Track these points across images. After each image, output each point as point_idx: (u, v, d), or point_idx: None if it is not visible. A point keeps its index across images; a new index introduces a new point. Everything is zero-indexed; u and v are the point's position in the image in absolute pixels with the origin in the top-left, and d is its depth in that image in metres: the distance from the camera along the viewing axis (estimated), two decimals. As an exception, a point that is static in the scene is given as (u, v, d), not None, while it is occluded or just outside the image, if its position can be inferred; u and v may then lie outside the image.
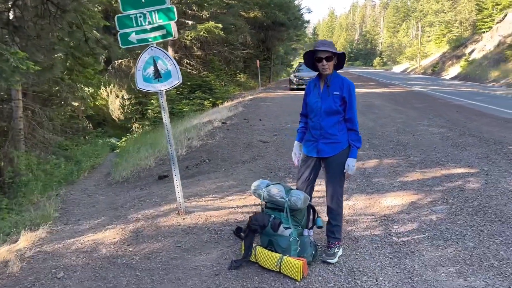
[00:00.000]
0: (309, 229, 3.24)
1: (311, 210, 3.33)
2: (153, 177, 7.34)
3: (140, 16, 3.98)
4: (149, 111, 17.46)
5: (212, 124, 10.59)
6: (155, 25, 3.98)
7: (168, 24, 3.96)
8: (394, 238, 3.66)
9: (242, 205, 4.65)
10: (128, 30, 4.05)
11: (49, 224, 4.74)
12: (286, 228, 3.09)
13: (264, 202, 3.30)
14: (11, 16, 8.58)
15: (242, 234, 3.69)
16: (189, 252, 3.53)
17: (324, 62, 3.01)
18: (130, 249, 3.66)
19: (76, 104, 16.59)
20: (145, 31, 4.02)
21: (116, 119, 21.72)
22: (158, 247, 3.65)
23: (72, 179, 9.13)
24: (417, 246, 3.49)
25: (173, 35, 3.97)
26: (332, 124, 3.09)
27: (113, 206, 5.51)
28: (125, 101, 20.97)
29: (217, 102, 18.76)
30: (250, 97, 18.55)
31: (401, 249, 3.45)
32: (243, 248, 3.25)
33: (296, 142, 3.43)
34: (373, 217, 4.17)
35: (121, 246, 3.74)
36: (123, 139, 18.48)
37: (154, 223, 4.20)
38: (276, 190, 3.16)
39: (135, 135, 17.66)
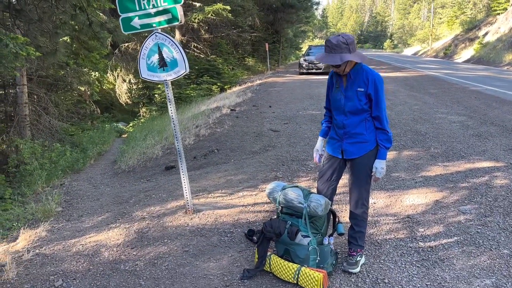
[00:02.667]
0: (329, 237, 2.94)
1: (331, 215, 3.03)
2: (160, 167, 7.08)
3: (143, -1, 3.64)
4: (156, 95, 17.16)
5: (221, 111, 10.26)
6: (160, 8, 3.63)
7: (173, 7, 3.61)
8: (420, 243, 3.36)
9: (253, 202, 4.35)
10: (130, 15, 3.71)
11: (50, 221, 4.51)
12: (305, 236, 2.79)
13: (279, 207, 2.99)
14: (12, -2, 8.26)
15: (255, 237, 3.42)
16: (198, 257, 3.26)
17: (335, 68, 2.69)
18: (134, 253, 3.40)
19: (82, 88, 16.35)
20: (149, 15, 3.68)
21: (123, 103, 21.46)
22: (164, 251, 3.38)
23: (78, 168, 8.89)
24: (447, 252, 3.18)
25: (179, 20, 3.62)
26: (358, 123, 2.74)
27: (118, 200, 5.25)
28: (132, 86, 20.68)
29: (225, 86, 18.37)
30: (259, 81, 18.15)
31: (429, 256, 3.14)
32: (257, 256, 2.96)
33: (320, 138, 3.06)
34: (395, 217, 3.86)
35: (124, 249, 3.48)
36: (131, 124, 18.27)
37: (160, 222, 3.93)
38: (293, 194, 2.84)
39: (142, 120, 17.44)
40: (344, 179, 4.06)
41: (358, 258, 2.96)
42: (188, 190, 3.99)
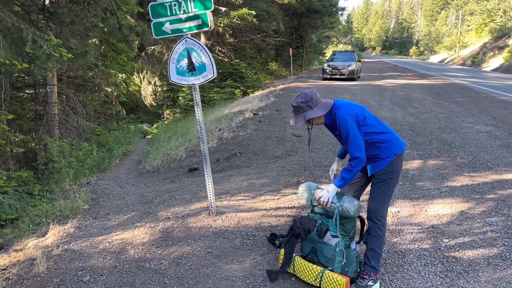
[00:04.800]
0: (357, 243, 2.95)
1: (360, 222, 3.06)
2: (183, 169, 7.19)
3: (174, 5, 3.73)
4: (180, 98, 17.40)
5: (243, 115, 10.33)
6: (191, 14, 3.72)
7: (204, 13, 3.69)
8: (444, 253, 3.32)
9: (275, 207, 4.39)
10: (162, 20, 3.81)
11: (78, 218, 4.65)
12: (334, 236, 2.81)
13: (311, 205, 3.02)
14: (46, 1, 8.54)
15: (277, 241, 3.46)
16: (221, 259, 3.31)
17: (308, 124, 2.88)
18: (159, 252, 3.48)
19: (109, 90, 16.74)
20: (179, 20, 3.77)
21: (148, 105, 21.85)
22: (188, 251, 3.45)
23: (104, 167, 9.10)
24: (472, 264, 3.14)
25: (209, 25, 3.70)
26: (367, 149, 2.79)
27: (143, 200, 5.37)
28: (157, 88, 21.03)
29: (248, 91, 18.46)
30: (281, 86, 18.15)
31: (454, 267, 3.11)
32: (282, 256, 3.00)
33: (336, 158, 3.19)
34: (419, 227, 3.83)
35: (150, 247, 3.56)
36: (155, 126, 18.57)
37: (184, 223, 4.00)
38: (326, 194, 2.89)
39: (166, 122, 17.70)
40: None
41: (370, 283, 2.80)
42: (212, 192, 4.05)
